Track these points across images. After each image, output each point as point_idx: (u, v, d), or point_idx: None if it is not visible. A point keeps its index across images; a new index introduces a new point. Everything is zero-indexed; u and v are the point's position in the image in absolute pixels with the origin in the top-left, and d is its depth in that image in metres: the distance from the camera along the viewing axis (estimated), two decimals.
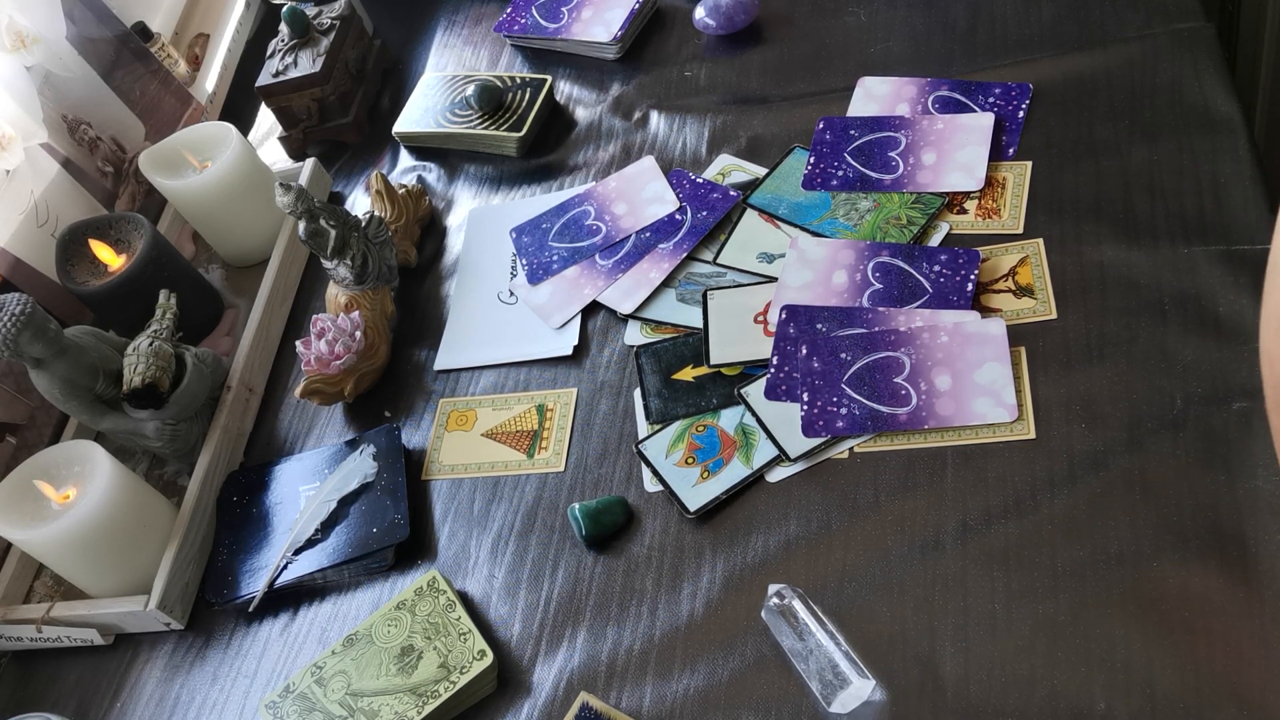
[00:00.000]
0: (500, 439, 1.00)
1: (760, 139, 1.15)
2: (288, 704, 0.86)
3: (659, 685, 0.81)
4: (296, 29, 1.31)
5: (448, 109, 1.29)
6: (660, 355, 1.00)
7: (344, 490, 0.98)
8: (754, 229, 1.07)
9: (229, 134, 1.18)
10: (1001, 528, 0.81)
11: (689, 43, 1.28)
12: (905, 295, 0.96)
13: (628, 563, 0.89)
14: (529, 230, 1.15)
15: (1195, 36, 1.05)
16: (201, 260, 1.28)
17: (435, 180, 1.27)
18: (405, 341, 1.12)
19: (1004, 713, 0.73)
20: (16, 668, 1.01)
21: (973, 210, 1.01)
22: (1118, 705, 0.71)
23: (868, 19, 1.21)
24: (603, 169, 1.19)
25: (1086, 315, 0.90)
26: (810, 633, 0.78)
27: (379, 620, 0.89)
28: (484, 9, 1.45)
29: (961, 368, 0.90)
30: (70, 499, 0.94)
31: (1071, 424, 0.85)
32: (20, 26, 1.16)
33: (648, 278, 1.06)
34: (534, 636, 0.87)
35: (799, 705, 0.77)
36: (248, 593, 0.96)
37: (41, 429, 1.11)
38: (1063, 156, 1.02)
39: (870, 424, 0.89)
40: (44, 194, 1.16)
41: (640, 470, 0.94)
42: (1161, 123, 1.00)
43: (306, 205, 1.03)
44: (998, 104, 1.08)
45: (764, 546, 0.86)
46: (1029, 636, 0.76)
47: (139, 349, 1.00)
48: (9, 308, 0.93)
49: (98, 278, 1.10)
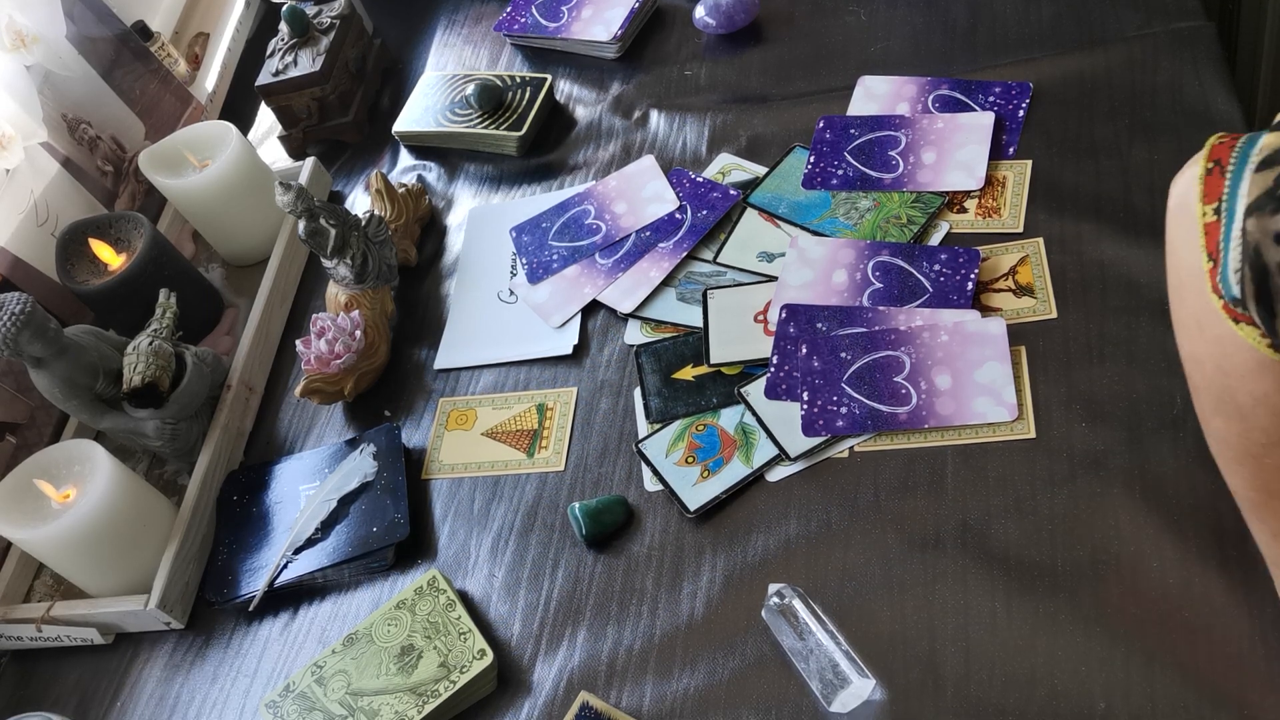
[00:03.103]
0: (500, 438, 1.00)
1: (760, 138, 1.14)
2: (288, 703, 0.86)
3: (659, 684, 0.81)
4: (296, 28, 1.31)
5: (448, 108, 1.29)
6: (660, 354, 1.00)
7: (344, 489, 0.98)
8: (754, 228, 1.06)
9: (229, 133, 1.18)
10: (1002, 527, 0.81)
11: (689, 42, 1.28)
12: (905, 294, 0.96)
13: (628, 562, 0.89)
14: (529, 229, 1.15)
15: (1195, 36, 1.05)
16: (201, 259, 1.28)
17: (435, 179, 1.27)
18: (405, 341, 1.12)
19: (1004, 712, 0.73)
20: (17, 667, 1.01)
21: (973, 209, 1.01)
22: (1118, 704, 0.71)
23: (868, 18, 1.21)
24: (603, 168, 1.19)
25: (1087, 314, 0.90)
26: (810, 632, 0.78)
27: (379, 619, 0.89)
28: (484, 8, 1.45)
29: (961, 367, 0.90)
30: (70, 498, 0.94)
31: (1072, 423, 0.85)
32: (20, 26, 1.16)
33: (648, 277, 1.06)
34: (534, 636, 0.87)
35: (799, 704, 0.77)
36: (248, 592, 0.96)
37: (41, 428, 1.11)
38: (1063, 155, 1.02)
39: (870, 423, 0.89)
40: (44, 193, 1.16)
41: (640, 469, 0.94)
42: (1162, 122, 1.00)
43: (306, 204, 1.03)
44: (998, 103, 1.08)
45: (764, 546, 0.86)
46: (1029, 636, 0.76)
47: (139, 348, 1.00)
48: (9, 307, 0.93)
49: (98, 277, 1.10)
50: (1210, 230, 0.58)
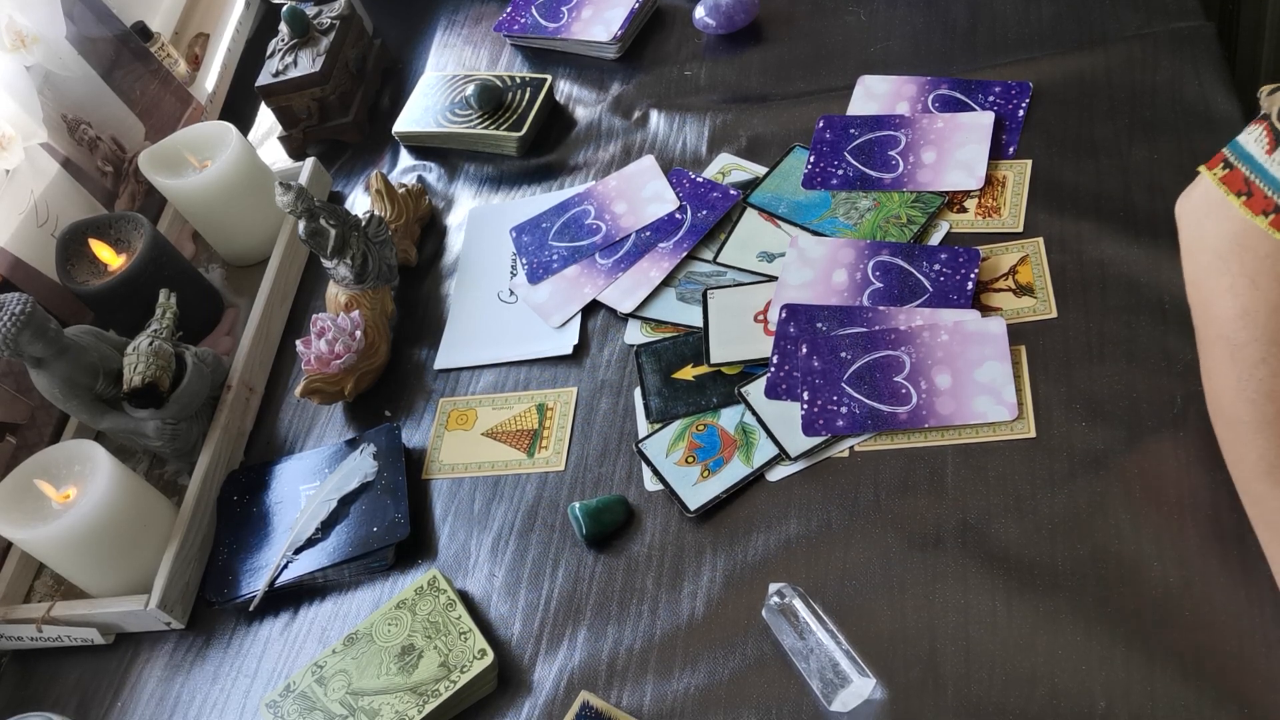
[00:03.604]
0: (500, 438, 1.00)
1: (760, 138, 1.14)
2: (288, 703, 0.86)
3: (659, 684, 0.81)
4: (296, 28, 1.31)
5: (448, 108, 1.29)
6: (660, 354, 1.00)
7: (344, 489, 0.98)
8: (754, 228, 1.07)
9: (229, 133, 1.18)
10: (1002, 526, 0.81)
11: (689, 42, 1.28)
12: (905, 294, 0.96)
13: (628, 562, 0.89)
14: (529, 229, 1.15)
15: (1195, 35, 1.05)
16: (201, 260, 1.28)
17: (435, 180, 1.27)
18: (405, 341, 1.12)
19: (1004, 711, 0.73)
20: (17, 667, 1.01)
21: (973, 209, 1.01)
22: (1118, 703, 0.71)
23: (868, 18, 1.21)
24: (603, 168, 1.19)
25: (1087, 314, 0.90)
26: (811, 631, 0.78)
27: (379, 619, 0.89)
28: (484, 8, 1.45)
29: (962, 366, 0.90)
30: (70, 498, 0.94)
31: (1072, 422, 0.85)
32: (20, 26, 1.16)
33: (648, 277, 1.06)
34: (534, 635, 0.87)
35: (799, 704, 0.77)
36: (248, 592, 0.96)
37: (42, 428, 1.11)
38: (1063, 155, 1.02)
39: (870, 423, 0.89)
40: (44, 193, 1.16)
41: (640, 469, 0.94)
42: (1161, 121, 1.00)
43: (306, 204, 1.03)
44: (998, 102, 1.08)
45: (764, 545, 0.86)
46: (1029, 635, 0.75)
47: (139, 348, 1.00)
48: (9, 307, 0.93)
49: (98, 277, 1.10)
50: (1254, 196, 0.65)
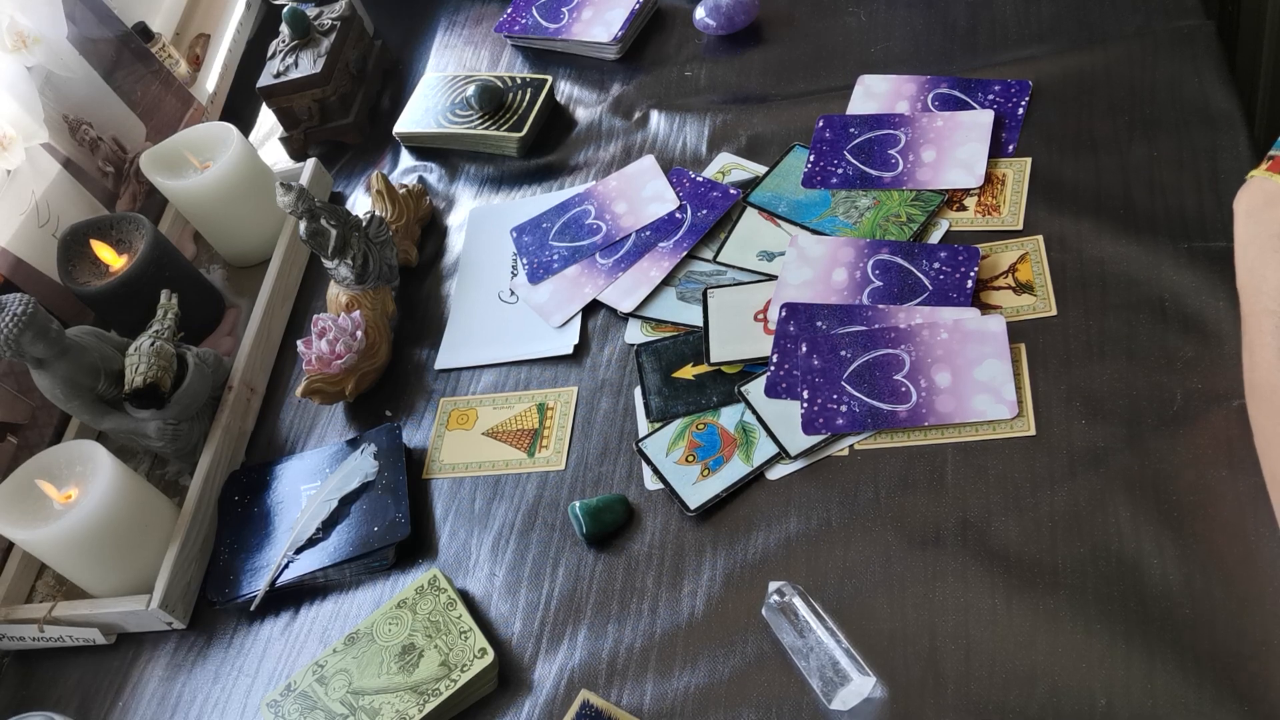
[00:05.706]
0: (501, 438, 1.00)
1: (760, 137, 1.15)
2: (289, 702, 0.86)
3: (660, 683, 0.81)
4: (297, 29, 1.31)
5: (448, 109, 1.29)
6: (660, 353, 1.00)
7: (345, 489, 0.98)
8: (754, 227, 1.07)
9: (230, 134, 1.18)
10: (1002, 524, 0.81)
11: (689, 43, 1.28)
12: (905, 292, 0.96)
13: (628, 561, 0.89)
14: (529, 229, 1.15)
15: (1195, 33, 1.05)
16: (202, 260, 1.28)
17: (436, 180, 1.27)
18: (406, 341, 1.12)
19: (1005, 709, 0.73)
20: (18, 667, 1.01)
21: (972, 207, 1.01)
22: (1118, 701, 0.71)
23: (868, 19, 1.21)
24: (603, 168, 1.19)
25: (1086, 312, 0.90)
26: (811, 630, 0.78)
27: (380, 619, 0.89)
28: (484, 9, 1.45)
29: (961, 364, 0.90)
30: (72, 499, 0.94)
31: (1072, 420, 0.85)
32: (21, 27, 1.16)
33: (648, 276, 1.06)
34: (535, 634, 0.87)
35: (800, 703, 0.77)
36: (249, 592, 0.96)
37: (43, 429, 1.11)
38: (1062, 153, 1.02)
39: (870, 421, 0.89)
40: (45, 194, 1.17)
41: (641, 468, 0.94)
42: (1161, 119, 1.00)
43: (307, 205, 1.03)
44: (997, 101, 1.08)
45: (764, 544, 0.86)
46: (1030, 633, 0.75)
47: (140, 349, 1.00)
48: (11, 308, 0.93)
49: (99, 278, 1.10)
50: None
